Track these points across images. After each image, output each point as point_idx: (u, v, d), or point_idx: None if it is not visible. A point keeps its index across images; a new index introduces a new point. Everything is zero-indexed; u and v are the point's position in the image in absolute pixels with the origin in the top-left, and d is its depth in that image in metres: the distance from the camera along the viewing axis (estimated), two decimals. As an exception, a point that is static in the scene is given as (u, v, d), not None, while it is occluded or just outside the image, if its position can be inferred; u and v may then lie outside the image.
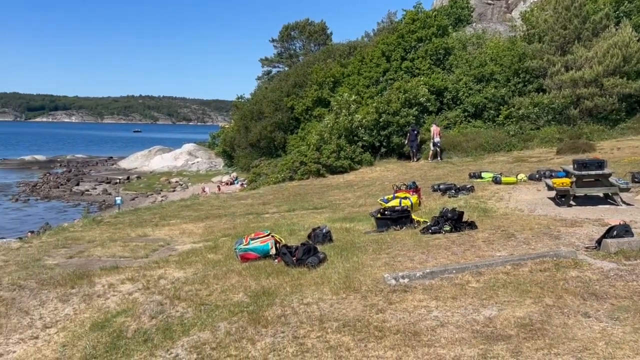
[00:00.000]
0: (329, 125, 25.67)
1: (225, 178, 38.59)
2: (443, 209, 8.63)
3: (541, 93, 24.69)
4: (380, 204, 10.27)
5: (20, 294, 6.94)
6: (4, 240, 10.95)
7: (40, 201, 36.22)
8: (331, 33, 55.59)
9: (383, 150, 25.33)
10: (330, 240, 8.14)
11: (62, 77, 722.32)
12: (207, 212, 13.59)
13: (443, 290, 5.48)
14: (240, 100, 45.58)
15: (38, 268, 7.79)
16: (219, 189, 31.60)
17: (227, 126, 54.08)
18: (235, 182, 35.92)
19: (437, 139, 23.12)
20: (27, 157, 65.74)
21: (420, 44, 29.07)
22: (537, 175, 13.53)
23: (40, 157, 65.74)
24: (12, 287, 7.09)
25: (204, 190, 30.88)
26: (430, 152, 23.36)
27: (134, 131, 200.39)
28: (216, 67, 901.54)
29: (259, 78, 58.86)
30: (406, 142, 23.97)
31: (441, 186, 13.20)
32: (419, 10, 30.87)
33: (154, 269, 7.36)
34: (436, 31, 29.19)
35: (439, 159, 23.02)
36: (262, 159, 34.27)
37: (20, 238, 14.99)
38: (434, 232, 7.89)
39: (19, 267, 7.91)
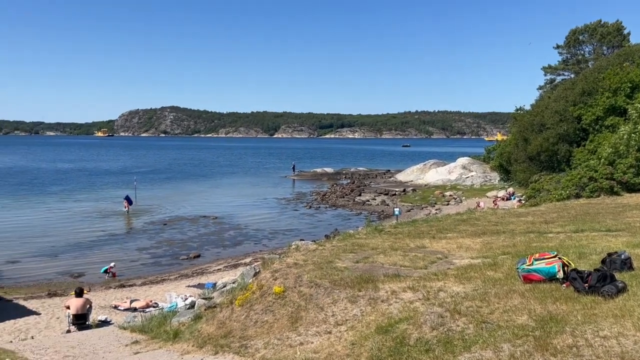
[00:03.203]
0: (625, 137, 22.61)
1: (501, 193, 37.27)
2: None
3: None
4: (698, 229, 8.58)
5: (316, 291, 7.79)
6: (304, 242, 12.46)
7: (328, 209, 40.44)
8: (628, 33, 49.28)
9: (699, 165, 21.20)
10: (631, 268, 7.10)
11: (348, 97, 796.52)
12: (484, 228, 13.26)
13: None
14: (519, 111, 43.56)
15: (330, 269, 8.63)
16: (495, 204, 30.64)
17: (503, 139, 52.21)
18: (512, 197, 34.38)
19: None
20: (319, 170, 74.32)
21: None
22: None
23: (328, 170, 73.64)
24: (310, 285, 8.01)
25: (479, 205, 30.33)
26: None
27: (403, 146, 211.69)
28: (492, 78, 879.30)
29: (540, 87, 55.54)
30: None
31: None
32: None
33: (433, 281, 7.47)
34: None
35: None
36: (543, 174, 32.04)
37: (314, 241, 16.93)
38: None
39: (315, 267, 8.88)
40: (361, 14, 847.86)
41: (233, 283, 11.74)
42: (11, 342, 12.06)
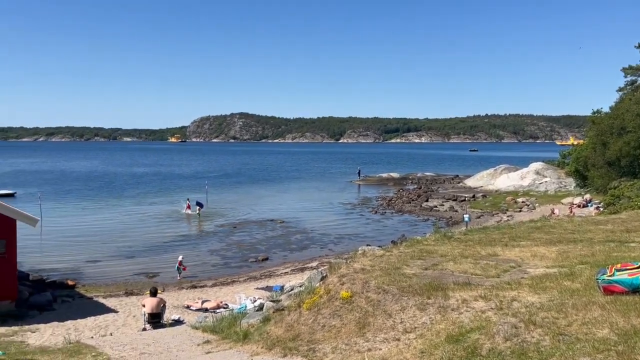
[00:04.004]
0: None
1: (577, 200, 35.67)
2: None
3: None
4: None
5: (384, 297, 7.74)
6: (370, 247, 12.42)
7: (394, 214, 40.11)
8: None
9: None
10: None
11: (414, 101, 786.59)
12: (559, 236, 12.71)
13: None
14: (596, 114, 41.54)
15: (398, 276, 8.55)
16: (571, 212, 29.36)
17: (578, 143, 50.01)
18: (589, 204, 32.84)
19: None
20: (384, 175, 73.85)
21: None
22: None
23: (394, 175, 72.99)
24: (378, 290, 7.97)
25: (553, 212, 29.20)
26: None
27: (470, 150, 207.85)
28: (567, 79, 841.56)
29: (620, 89, 52.66)
30: None
31: None
32: None
33: (506, 290, 7.24)
34: None
35: None
36: (623, 180, 30.39)
37: (380, 246, 16.85)
38: None
39: (383, 273, 8.82)
40: (425, 15, 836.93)
41: (300, 286, 11.87)
42: (92, 337, 12.75)
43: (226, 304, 16.82)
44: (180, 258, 22.76)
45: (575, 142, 57.67)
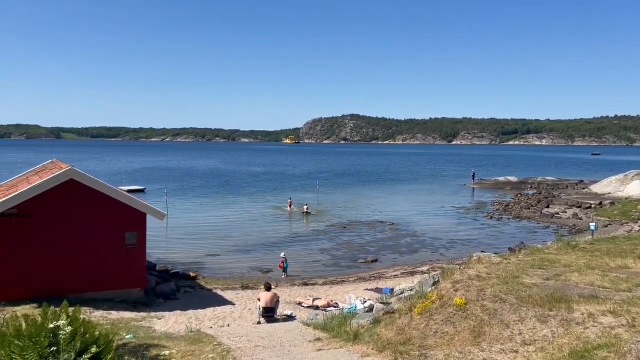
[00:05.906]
0: None
1: None
2: None
3: None
4: None
5: (501, 306, 7.42)
6: (485, 254, 11.96)
7: (511, 220, 38.30)
8: None
9: None
10: None
11: (535, 101, 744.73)
12: (703, 250, 11.43)
13: None
14: None
15: (517, 285, 8.15)
16: None
17: None
18: None
19: None
20: (501, 178, 70.84)
21: None
22: None
23: (512, 179, 69.74)
24: (494, 299, 7.66)
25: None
26: None
27: (592, 154, 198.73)
28: None
29: None
30: None
31: None
32: None
33: (640, 307, 6.64)
34: None
35: None
36: None
37: (497, 253, 16.17)
38: None
39: (500, 281, 8.46)
40: (547, 9, 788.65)
41: (411, 290, 11.72)
42: (211, 327, 13.49)
43: (336, 303, 17.03)
44: (282, 255, 23.52)
45: None
